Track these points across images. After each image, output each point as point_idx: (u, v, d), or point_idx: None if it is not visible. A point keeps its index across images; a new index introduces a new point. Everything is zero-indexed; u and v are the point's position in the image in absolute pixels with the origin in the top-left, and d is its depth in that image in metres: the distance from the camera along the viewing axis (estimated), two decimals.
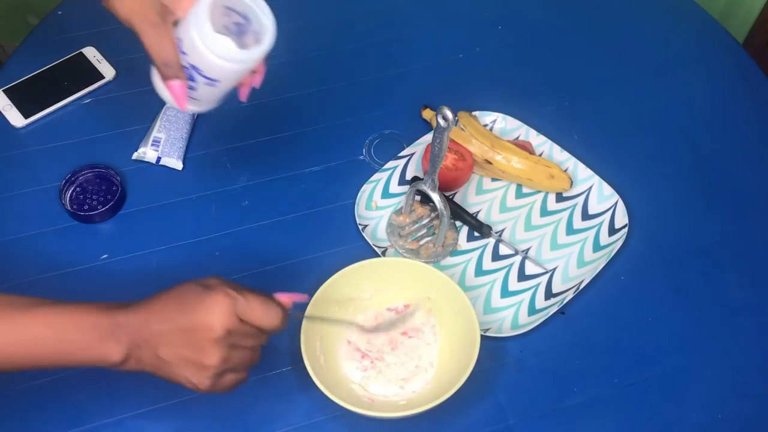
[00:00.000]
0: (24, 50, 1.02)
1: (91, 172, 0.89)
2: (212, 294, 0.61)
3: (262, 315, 0.63)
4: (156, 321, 0.61)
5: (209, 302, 0.61)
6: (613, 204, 0.89)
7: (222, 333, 0.61)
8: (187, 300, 0.62)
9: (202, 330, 0.61)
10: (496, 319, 0.82)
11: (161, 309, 0.62)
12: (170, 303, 0.62)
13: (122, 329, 0.61)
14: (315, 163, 0.93)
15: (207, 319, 0.60)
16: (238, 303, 0.62)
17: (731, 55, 1.09)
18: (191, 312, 0.61)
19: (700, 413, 0.78)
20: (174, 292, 0.63)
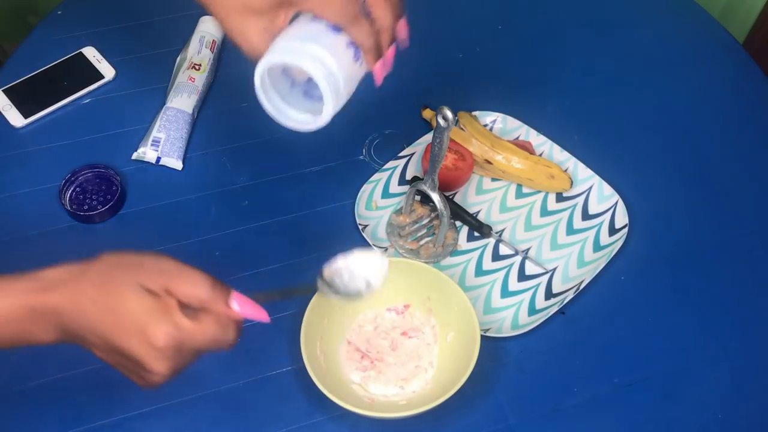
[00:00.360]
0: (24, 50, 1.02)
1: (90, 172, 0.89)
2: (152, 325, 0.53)
3: (210, 345, 0.57)
4: (87, 325, 0.54)
5: (145, 334, 0.53)
6: (614, 204, 0.89)
7: (163, 371, 0.55)
8: (122, 318, 0.54)
9: (141, 365, 0.55)
10: (496, 319, 0.82)
11: (93, 313, 0.54)
12: (103, 311, 0.54)
13: (46, 320, 0.55)
14: (315, 163, 0.93)
15: (143, 356, 0.54)
16: (182, 338, 0.55)
17: (731, 55, 1.09)
18: (126, 337, 0.54)
19: (701, 413, 0.78)
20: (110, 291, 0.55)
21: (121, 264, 0.56)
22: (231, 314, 0.58)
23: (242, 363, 0.78)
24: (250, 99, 1.01)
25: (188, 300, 0.56)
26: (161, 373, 0.55)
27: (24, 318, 0.55)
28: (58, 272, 0.56)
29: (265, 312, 0.60)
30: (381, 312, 0.81)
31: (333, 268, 0.66)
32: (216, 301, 0.56)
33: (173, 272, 0.56)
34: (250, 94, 1.03)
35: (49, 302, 0.55)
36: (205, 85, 0.97)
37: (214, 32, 1.01)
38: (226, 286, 0.58)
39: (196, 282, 0.56)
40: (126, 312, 0.54)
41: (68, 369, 0.76)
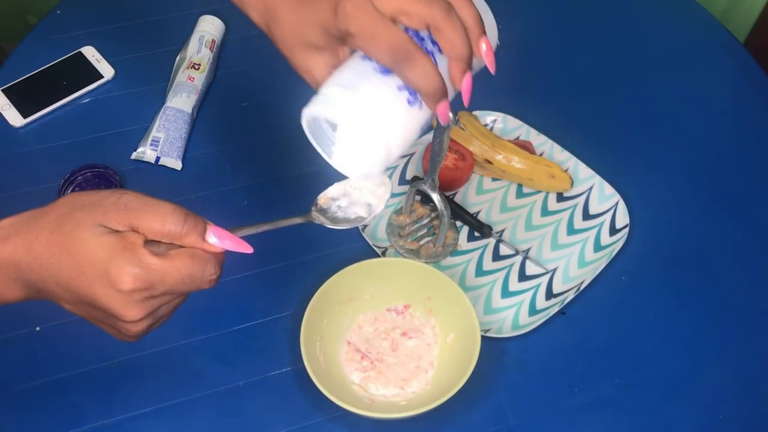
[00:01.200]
0: (23, 50, 1.02)
1: (90, 172, 0.89)
2: (115, 266, 0.47)
3: (187, 285, 0.50)
4: (50, 276, 0.49)
5: (109, 278, 0.47)
6: (614, 204, 0.89)
7: (135, 318, 0.49)
8: (82, 262, 0.47)
9: (110, 314, 0.49)
10: (496, 319, 0.82)
11: (48, 261, 0.48)
12: (60, 256, 0.48)
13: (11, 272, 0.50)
14: (315, 163, 0.92)
15: (112, 304, 0.48)
16: (152, 279, 0.48)
17: (732, 55, 1.09)
18: (89, 283, 0.48)
19: (701, 414, 0.78)
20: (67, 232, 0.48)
21: (78, 204, 0.49)
22: (207, 248, 0.51)
23: (242, 363, 0.78)
24: (250, 99, 1.01)
25: (157, 236, 0.49)
26: (134, 320, 0.49)
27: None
28: (12, 220, 0.50)
29: (246, 244, 0.53)
30: (381, 312, 0.81)
31: (329, 195, 0.60)
32: (189, 235, 0.50)
33: (137, 207, 0.49)
34: (249, 94, 1.04)
35: (3, 253, 0.49)
36: (204, 85, 0.97)
37: (213, 32, 1.01)
38: (200, 218, 0.52)
39: (165, 216, 0.50)
40: (85, 255, 0.47)
41: (68, 369, 0.76)
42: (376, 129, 0.53)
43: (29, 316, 0.79)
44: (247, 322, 0.81)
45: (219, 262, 0.52)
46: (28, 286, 0.50)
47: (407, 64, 0.51)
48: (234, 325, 0.80)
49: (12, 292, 0.51)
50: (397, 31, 0.52)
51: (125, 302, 0.48)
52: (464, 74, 0.56)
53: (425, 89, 0.53)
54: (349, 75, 0.54)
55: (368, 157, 0.55)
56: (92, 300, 0.49)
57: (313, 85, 0.59)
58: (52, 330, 0.79)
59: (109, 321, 0.51)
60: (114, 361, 0.77)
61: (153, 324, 0.52)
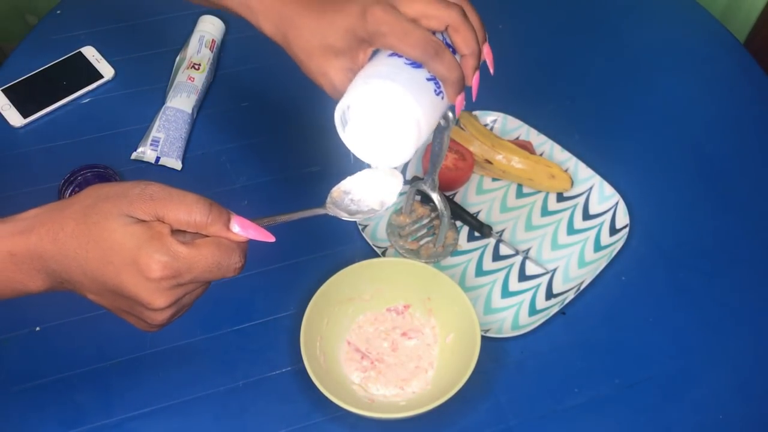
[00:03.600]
0: (23, 50, 1.02)
1: (90, 172, 0.89)
2: (144, 255, 0.48)
3: (213, 273, 0.51)
4: (75, 266, 0.49)
5: (141, 273, 0.48)
6: (614, 204, 0.89)
7: (161, 306, 0.50)
8: (111, 255, 0.48)
9: (137, 302, 0.50)
10: (496, 319, 0.82)
11: (79, 251, 0.49)
12: (89, 247, 0.48)
13: (30, 264, 0.50)
14: (315, 163, 0.93)
15: (140, 292, 0.49)
16: (180, 267, 0.49)
17: (732, 55, 1.09)
18: (117, 272, 0.48)
19: (702, 414, 0.78)
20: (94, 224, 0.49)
21: (103, 195, 0.50)
22: (232, 237, 0.53)
23: (242, 363, 0.78)
24: (250, 99, 1.02)
25: (183, 226, 0.50)
26: (161, 308, 0.50)
27: (6, 265, 0.50)
28: (37, 211, 0.51)
29: (268, 233, 0.54)
30: (381, 312, 0.81)
31: (342, 189, 0.63)
32: (214, 225, 0.51)
33: (163, 197, 0.50)
34: (249, 94, 1.04)
35: (28, 244, 0.49)
36: (204, 85, 0.97)
37: (213, 32, 1.01)
38: (224, 208, 0.53)
39: (191, 206, 0.51)
40: (113, 244, 0.48)
41: (68, 369, 0.76)
42: (413, 111, 0.58)
43: (29, 316, 0.79)
44: (247, 322, 0.81)
45: (243, 251, 0.53)
46: (52, 276, 0.51)
47: (437, 57, 0.57)
48: (234, 325, 0.80)
49: (35, 282, 0.51)
50: (425, 30, 0.58)
51: (153, 290, 0.49)
52: (475, 70, 0.63)
53: (451, 79, 0.59)
54: (383, 69, 0.59)
55: (403, 140, 0.60)
56: (120, 289, 0.49)
57: (329, 88, 0.62)
58: (52, 330, 0.79)
59: (135, 310, 0.51)
60: (114, 361, 0.77)
61: (176, 313, 0.53)
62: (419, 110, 0.58)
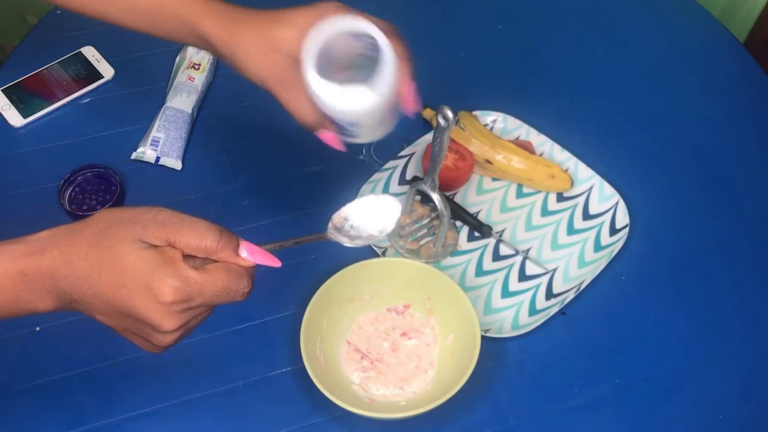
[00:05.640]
0: (23, 50, 1.02)
1: (90, 172, 0.89)
2: (157, 279, 0.49)
3: (222, 297, 0.53)
4: (87, 288, 0.50)
5: (151, 290, 0.49)
6: (614, 204, 0.89)
7: (170, 329, 0.51)
8: (123, 275, 0.50)
9: (148, 324, 0.51)
10: (496, 319, 0.82)
11: (92, 273, 0.50)
12: (102, 270, 0.50)
13: (41, 284, 0.51)
14: (315, 163, 0.93)
15: (150, 314, 0.50)
16: (191, 291, 0.51)
17: (732, 54, 1.09)
18: (129, 295, 0.50)
19: (701, 414, 0.78)
20: (107, 247, 0.50)
21: (115, 220, 0.51)
22: (241, 262, 0.54)
23: (242, 363, 0.78)
24: (250, 99, 1.02)
25: (193, 251, 0.52)
26: (170, 330, 0.51)
27: (16, 284, 0.51)
28: (49, 233, 0.52)
29: (275, 258, 0.56)
30: (381, 312, 0.81)
31: (342, 215, 0.64)
32: (224, 250, 0.53)
33: (175, 223, 0.51)
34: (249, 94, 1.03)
35: (40, 265, 0.51)
36: (204, 85, 0.97)
37: None
38: (233, 234, 0.54)
39: (202, 232, 0.52)
40: (126, 268, 0.49)
41: (68, 369, 0.76)
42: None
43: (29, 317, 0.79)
44: (247, 322, 0.81)
45: (250, 276, 0.55)
46: (62, 297, 0.52)
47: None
48: (234, 325, 0.80)
49: (44, 302, 0.52)
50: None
51: (164, 313, 0.50)
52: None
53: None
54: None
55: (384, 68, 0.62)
56: (131, 311, 0.50)
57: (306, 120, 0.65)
58: (52, 330, 0.79)
59: (143, 332, 0.52)
60: (114, 361, 0.77)
61: (182, 335, 0.54)
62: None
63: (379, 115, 0.65)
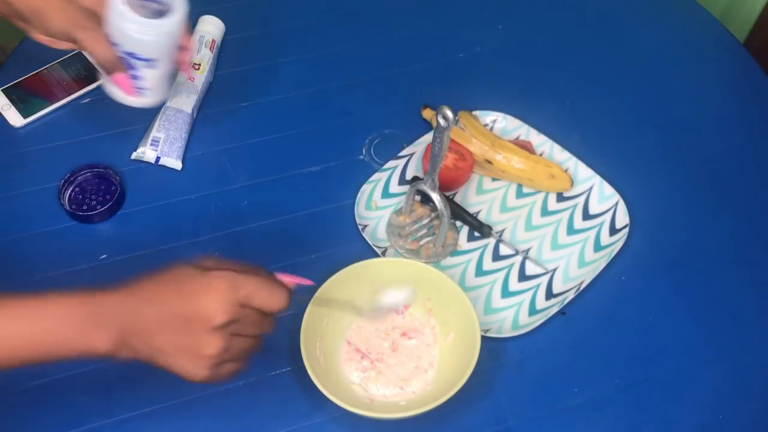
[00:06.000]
0: (23, 50, 1.02)
1: (90, 172, 0.89)
2: (212, 279, 0.58)
3: (265, 300, 0.60)
4: (148, 307, 0.58)
5: (208, 289, 0.58)
6: (614, 204, 0.89)
7: (222, 322, 0.58)
8: (183, 285, 0.58)
9: (201, 319, 0.57)
10: (496, 319, 0.82)
11: (154, 294, 0.59)
12: (164, 288, 0.59)
13: (109, 316, 0.58)
14: (315, 163, 0.93)
15: (206, 307, 0.57)
16: (240, 289, 0.59)
17: (732, 55, 1.09)
18: (189, 299, 0.58)
19: (701, 414, 0.78)
20: (168, 275, 0.59)
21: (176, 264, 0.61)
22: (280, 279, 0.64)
23: None
24: (250, 99, 1.02)
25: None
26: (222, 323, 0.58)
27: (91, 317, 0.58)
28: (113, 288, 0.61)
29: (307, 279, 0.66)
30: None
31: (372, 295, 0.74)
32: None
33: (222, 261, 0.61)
34: (249, 94, 1.04)
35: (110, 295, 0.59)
36: (204, 85, 0.97)
37: (213, 32, 1.01)
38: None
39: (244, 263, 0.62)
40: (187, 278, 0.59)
41: (68, 369, 0.76)
42: None
43: None
44: None
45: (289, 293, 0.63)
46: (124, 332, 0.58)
47: None
48: None
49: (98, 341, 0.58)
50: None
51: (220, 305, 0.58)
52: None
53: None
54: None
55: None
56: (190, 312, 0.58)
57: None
58: None
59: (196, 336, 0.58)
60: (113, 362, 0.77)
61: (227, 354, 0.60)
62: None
63: (167, 59, 0.79)
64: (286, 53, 1.03)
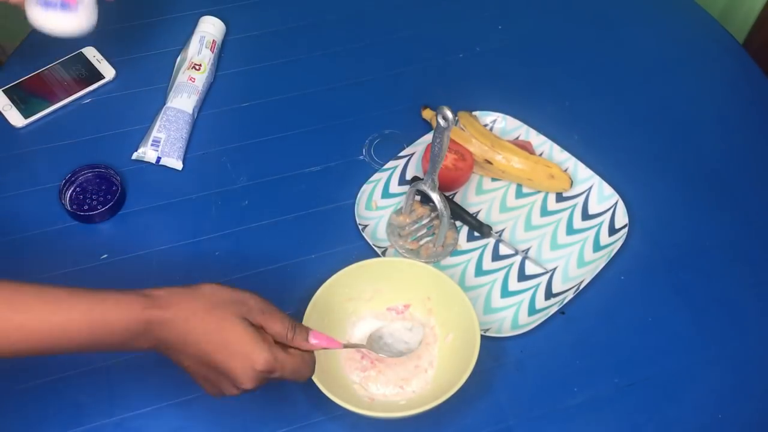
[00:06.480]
0: (24, 50, 1.02)
1: (90, 172, 0.89)
2: (257, 352, 0.62)
3: (293, 376, 0.65)
4: (190, 343, 0.62)
5: (250, 359, 0.62)
6: (613, 204, 0.89)
7: (248, 389, 0.63)
8: (229, 342, 0.62)
9: (232, 379, 0.62)
10: (496, 319, 0.82)
11: (199, 333, 0.62)
12: (211, 332, 0.62)
13: (154, 332, 0.62)
14: (315, 163, 0.93)
15: (240, 375, 0.62)
16: (275, 372, 0.63)
17: (731, 55, 1.09)
18: (229, 357, 0.62)
19: (701, 413, 0.78)
20: (221, 317, 0.62)
21: (227, 298, 0.64)
22: (309, 347, 0.66)
23: None
24: (250, 99, 1.02)
25: (277, 337, 0.64)
26: (248, 390, 0.63)
27: (139, 330, 0.61)
28: (167, 291, 0.63)
29: (337, 341, 0.67)
30: (381, 312, 0.81)
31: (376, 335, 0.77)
32: (297, 339, 0.65)
33: (269, 311, 0.64)
34: (249, 94, 1.04)
35: (163, 317, 0.61)
36: (205, 86, 0.97)
37: (214, 32, 1.01)
38: (304, 326, 0.66)
39: (284, 322, 0.65)
40: (233, 336, 0.62)
41: (68, 369, 0.77)
42: None
43: None
44: None
45: (314, 364, 0.67)
46: (163, 343, 0.63)
47: None
48: None
49: (145, 344, 0.62)
50: None
51: (252, 378, 0.62)
52: None
53: None
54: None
55: None
56: (225, 369, 0.62)
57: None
58: None
59: (222, 384, 0.64)
60: (114, 360, 0.77)
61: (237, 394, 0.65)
62: None
63: None
64: (286, 53, 1.03)
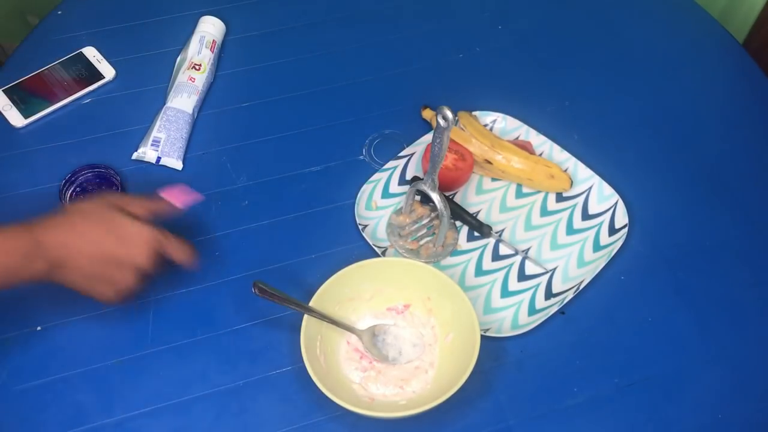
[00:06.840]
0: (24, 50, 1.02)
1: (91, 172, 0.89)
2: (143, 229, 0.72)
3: (179, 249, 0.75)
4: (83, 244, 0.69)
5: (140, 236, 0.71)
6: (613, 204, 0.89)
7: (145, 266, 0.72)
8: (116, 229, 0.71)
9: (129, 260, 0.71)
10: (496, 319, 0.82)
11: (88, 232, 0.70)
12: (97, 228, 0.70)
13: (47, 251, 0.67)
14: (315, 163, 0.93)
15: (136, 254, 0.71)
16: (161, 237, 0.73)
17: (731, 55, 1.09)
18: (121, 243, 0.71)
19: (700, 413, 0.78)
20: (100, 216, 0.71)
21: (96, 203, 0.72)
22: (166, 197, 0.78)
23: (242, 363, 0.78)
24: (250, 99, 1.02)
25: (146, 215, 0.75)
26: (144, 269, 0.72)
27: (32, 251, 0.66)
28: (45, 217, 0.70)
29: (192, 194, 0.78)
30: (381, 312, 0.81)
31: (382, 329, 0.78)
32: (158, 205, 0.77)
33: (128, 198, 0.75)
34: (249, 94, 1.04)
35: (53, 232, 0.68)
36: (205, 86, 0.97)
37: (214, 32, 1.01)
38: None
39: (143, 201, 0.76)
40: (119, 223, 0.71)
41: (68, 369, 0.77)
42: None
43: (30, 316, 0.79)
44: (247, 322, 0.81)
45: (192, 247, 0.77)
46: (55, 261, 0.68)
47: None
48: (234, 325, 0.80)
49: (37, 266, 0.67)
50: None
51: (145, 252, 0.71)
52: None
53: None
54: None
55: None
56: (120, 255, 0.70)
57: None
58: (53, 329, 0.79)
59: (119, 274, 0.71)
60: (114, 361, 0.78)
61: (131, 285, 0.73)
62: None
63: None
64: (286, 53, 1.03)
